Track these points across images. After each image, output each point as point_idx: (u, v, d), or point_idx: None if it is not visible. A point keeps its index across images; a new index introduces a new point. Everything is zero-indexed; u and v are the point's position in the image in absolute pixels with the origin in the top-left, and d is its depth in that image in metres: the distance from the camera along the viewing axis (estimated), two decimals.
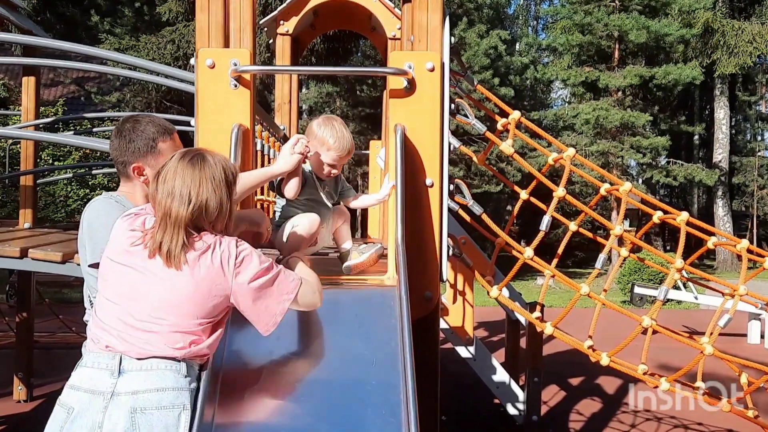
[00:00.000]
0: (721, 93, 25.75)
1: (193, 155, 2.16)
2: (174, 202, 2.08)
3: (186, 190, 2.09)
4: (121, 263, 2.14)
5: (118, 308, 2.11)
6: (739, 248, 4.01)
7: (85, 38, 20.22)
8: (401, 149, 2.94)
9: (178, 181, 2.10)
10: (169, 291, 2.09)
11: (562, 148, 4.11)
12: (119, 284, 2.13)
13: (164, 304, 2.09)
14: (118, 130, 2.56)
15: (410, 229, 2.96)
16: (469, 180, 20.81)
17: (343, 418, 2.21)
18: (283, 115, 6.22)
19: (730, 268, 23.14)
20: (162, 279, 2.10)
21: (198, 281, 2.10)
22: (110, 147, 2.61)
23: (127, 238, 2.16)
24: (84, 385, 2.05)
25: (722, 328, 3.82)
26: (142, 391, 2.01)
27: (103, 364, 2.05)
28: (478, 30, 21.94)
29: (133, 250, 2.13)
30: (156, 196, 2.12)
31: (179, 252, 2.08)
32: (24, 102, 6.08)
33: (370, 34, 6.95)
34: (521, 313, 4.57)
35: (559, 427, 6.12)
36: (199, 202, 2.10)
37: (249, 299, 2.16)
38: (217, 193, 2.13)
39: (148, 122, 2.60)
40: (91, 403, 2.01)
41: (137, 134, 2.55)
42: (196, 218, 2.11)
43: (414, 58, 3.10)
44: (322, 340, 2.50)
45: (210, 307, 2.13)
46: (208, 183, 2.11)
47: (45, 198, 15.23)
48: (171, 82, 5.26)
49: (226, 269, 2.12)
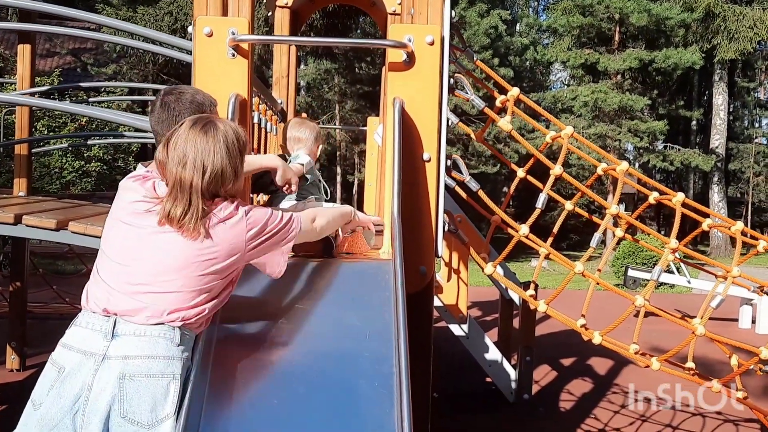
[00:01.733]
0: (720, 78, 25.69)
1: (205, 122, 2.14)
2: (186, 171, 2.06)
3: (200, 159, 2.07)
4: (129, 224, 2.13)
5: (121, 268, 2.10)
6: (733, 230, 4.01)
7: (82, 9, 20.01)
8: (399, 123, 2.92)
9: (190, 148, 2.07)
10: (179, 257, 2.08)
11: (561, 127, 4.10)
12: (123, 246, 2.12)
13: (168, 268, 2.07)
14: (162, 101, 2.43)
15: (406, 203, 2.95)
16: (466, 160, 20.74)
17: (336, 389, 2.21)
18: (281, 89, 6.16)
19: (724, 254, 23.24)
20: (172, 244, 2.08)
21: (212, 247, 2.10)
22: (151, 119, 2.48)
23: (134, 201, 2.15)
24: (77, 345, 2.04)
25: (714, 309, 3.83)
26: (132, 357, 2.00)
27: (97, 326, 2.04)
28: (478, 9, 21.81)
29: (141, 212, 2.12)
30: (166, 164, 2.09)
31: (197, 221, 2.07)
32: (19, 70, 6.02)
33: (369, 9, 6.87)
34: (515, 290, 4.58)
35: (550, 406, 6.16)
36: (215, 170, 2.09)
37: (259, 252, 2.22)
38: (232, 160, 2.13)
39: (195, 92, 2.49)
40: (82, 364, 2.00)
41: (184, 105, 2.42)
42: (212, 187, 2.10)
43: (414, 31, 3.07)
44: (316, 311, 2.49)
45: (218, 271, 2.13)
46: (222, 150, 2.10)
47: (40, 169, 15.16)
48: (169, 51, 5.22)
49: (241, 232, 2.14)
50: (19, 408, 2.08)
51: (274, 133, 5.39)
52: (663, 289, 13.79)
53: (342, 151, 22.76)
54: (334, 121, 22.14)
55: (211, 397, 2.14)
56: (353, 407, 2.17)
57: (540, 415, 5.89)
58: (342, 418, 2.15)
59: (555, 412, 6.06)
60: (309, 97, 23.20)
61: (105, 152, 15.73)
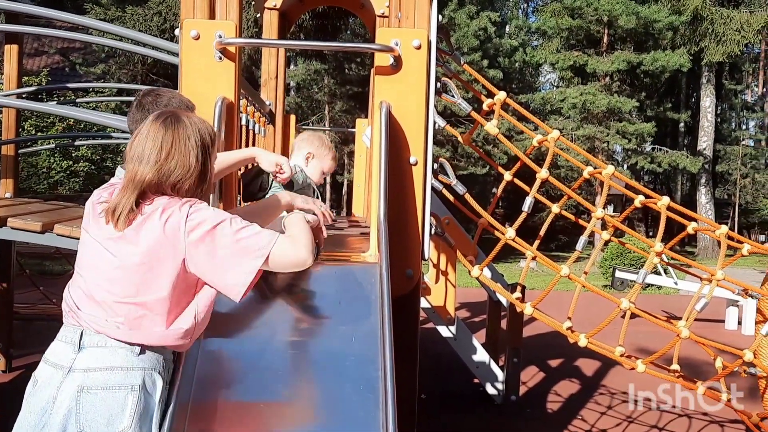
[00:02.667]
0: (707, 81, 25.86)
1: (168, 116, 2.05)
2: (140, 165, 1.97)
3: (155, 152, 1.97)
4: (88, 232, 2.08)
5: (82, 280, 2.04)
6: (718, 234, 4.04)
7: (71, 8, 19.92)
8: (386, 126, 2.93)
9: (149, 143, 1.99)
10: (116, 261, 1.98)
11: (547, 131, 4.12)
12: (83, 255, 2.07)
13: (110, 275, 1.98)
14: (139, 102, 2.44)
15: (393, 206, 2.96)
16: (455, 161, 20.81)
17: (321, 393, 2.23)
18: (270, 90, 6.17)
19: (711, 255, 23.39)
20: (111, 247, 1.99)
21: (144, 249, 1.96)
22: (129, 120, 2.48)
23: (94, 209, 2.09)
24: (51, 359, 2.01)
25: (699, 312, 3.86)
26: (93, 369, 1.95)
27: (68, 338, 2.00)
28: (468, 11, 21.83)
29: (97, 219, 2.06)
30: (125, 159, 2.03)
31: (125, 215, 1.95)
32: (6, 70, 5.99)
33: (358, 11, 6.88)
34: (502, 293, 4.60)
35: (537, 408, 6.18)
36: (167, 165, 1.98)
37: (207, 260, 1.97)
38: (191, 156, 2.00)
39: (171, 96, 2.47)
40: (52, 377, 1.97)
41: (160, 108, 2.39)
42: (158, 182, 1.98)
43: (401, 35, 3.08)
44: (301, 314, 2.50)
45: (163, 281, 1.98)
46: (180, 145, 2.00)
47: (27, 169, 15.07)
48: (157, 53, 5.21)
49: (178, 231, 1.97)
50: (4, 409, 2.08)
51: (262, 135, 5.40)
52: (650, 290, 13.87)
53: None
54: (323, 122, 22.12)
55: (195, 398, 2.14)
56: (339, 410, 2.18)
57: (527, 416, 5.92)
58: (328, 422, 2.16)
59: (542, 413, 6.08)
60: (298, 98, 23.17)
61: (93, 152, 15.63)
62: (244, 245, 1.99)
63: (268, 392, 2.23)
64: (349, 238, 4.04)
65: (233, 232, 1.99)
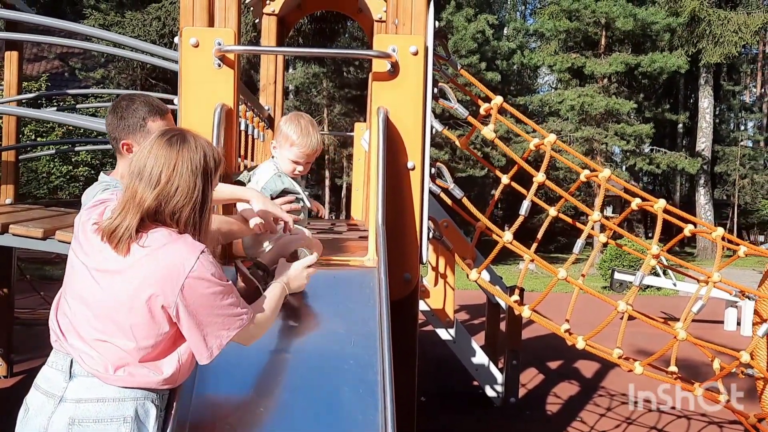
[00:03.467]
0: (705, 82, 25.88)
1: (173, 134, 1.94)
2: (141, 184, 1.87)
3: (157, 171, 1.87)
4: (77, 256, 1.99)
5: (68, 309, 1.97)
6: (714, 236, 4.07)
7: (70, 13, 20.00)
8: (383, 132, 2.96)
9: (150, 160, 1.89)
10: (103, 295, 1.90)
11: (544, 134, 4.15)
12: (72, 282, 1.99)
13: (96, 310, 1.91)
14: (114, 107, 2.51)
15: (391, 211, 2.99)
16: (453, 164, 20.83)
17: (320, 396, 2.25)
18: (268, 95, 6.21)
19: (710, 256, 23.39)
20: (101, 280, 1.91)
21: (136, 288, 1.87)
22: (105, 123, 2.55)
23: (84, 230, 2.01)
24: (42, 385, 1.96)
25: (696, 314, 3.89)
26: (84, 400, 1.90)
27: (58, 365, 1.95)
28: (465, 14, 21.87)
29: (88, 242, 1.97)
30: (125, 176, 1.95)
31: (126, 238, 1.86)
32: (6, 77, 6.02)
33: (356, 15, 6.93)
34: (500, 296, 4.63)
35: (537, 410, 6.21)
36: (167, 189, 1.87)
37: (191, 322, 1.90)
38: (191, 180, 1.89)
39: (143, 101, 2.52)
40: (43, 406, 1.92)
41: (130, 112, 2.47)
42: (159, 205, 1.88)
43: (398, 42, 3.12)
44: (300, 318, 2.53)
45: (146, 325, 1.90)
46: (182, 166, 1.89)
47: (27, 174, 15.09)
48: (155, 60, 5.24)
49: (174, 278, 1.86)
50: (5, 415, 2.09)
51: (261, 140, 5.43)
52: (650, 291, 13.89)
53: (330, 154, 22.77)
54: (322, 126, 22.15)
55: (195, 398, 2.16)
56: (338, 414, 2.20)
57: (527, 418, 5.94)
58: (327, 425, 2.18)
59: (541, 415, 6.11)
60: (297, 101, 23.21)
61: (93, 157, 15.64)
62: (222, 321, 1.94)
63: (268, 396, 2.26)
64: (348, 242, 4.06)
65: (221, 307, 1.93)
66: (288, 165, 2.90)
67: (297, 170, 2.91)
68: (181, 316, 1.89)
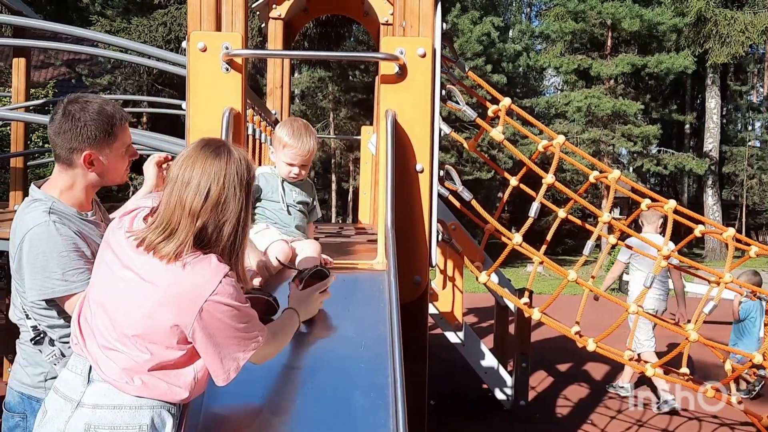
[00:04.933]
0: (712, 82, 25.81)
1: (219, 145, 1.89)
2: (189, 196, 1.81)
3: (205, 184, 1.81)
4: (105, 263, 1.95)
5: (90, 314, 1.95)
6: (725, 236, 4.05)
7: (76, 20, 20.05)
8: (392, 135, 2.95)
9: (196, 172, 1.82)
10: (128, 304, 1.87)
11: (552, 136, 4.14)
12: (97, 288, 1.96)
13: (119, 321, 1.88)
14: (65, 110, 2.24)
15: (400, 214, 2.98)
16: (461, 166, 20.82)
17: (331, 400, 2.23)
18: (275, 99, 6.21)
19: (719, 257, 23.29)
20: (127, 288, 1.87)
21: (157, 299, 1.83)
22: (51, 129, 2.26)
23: (116, 239, 1.95)
24: (61, 389, 1.94)
25: (707, 315, 3.87)
26: (101, 406, 1.88)
27: (78, 369, 1.93)
28: (471, 16, 21.90)
29: (116, 251, 1.92)
30: (168, 184, 1.86)
31: (175, 254, 1.81)
32: (14, 83, 6.04)
33: (362, 19, 6.93)
34: (509, 298, 4.62)
35: (547, 413, 6.17)
36: (219, 202, 1.83)
37: (208, 345, 1.87)
38: (239, 195, 1.85)
39: (103, 103, 2.29)
40: (62, 409, 1.90)
41: (90, 116, 2.23)
42: (211, 217, 1.83)
43: (405, 44, 3.10)
44: (310, 322, 2.51)
45: (163, 339, 1.86)
46: (230, 180, 1.84)
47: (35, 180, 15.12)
48: (162, 65, 5.25)
49: (194, 300, 1.82)
50: None
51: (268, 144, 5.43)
52: None
53: (337, 158, 22.80)
54: (328, 130, 22.18)
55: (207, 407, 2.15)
56: (349, 418, 2.19)
57: (536, 421, 5.91)
58: (338, 429, 2.17)
59: (551, 418, 6.08)
60: (303, 106, 23.24)
61: None
62: (239, 343, 1.90)
63: (278, 400, 2.25)
64: (356, 245, 4.06)
65: (243, 327, 1.90)
66: (283, 167, 2.87)
67: (293, 173, 2.86)
68: (198, 338, 1.85)
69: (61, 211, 2.29)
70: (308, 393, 2.26)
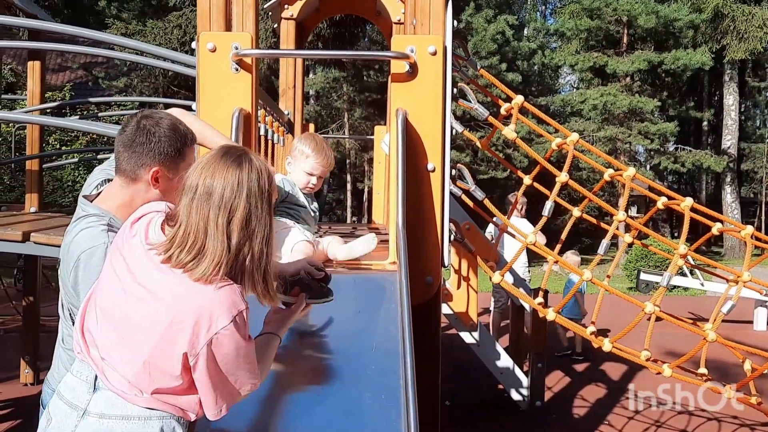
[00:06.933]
0: (730, 79, 25.55)
1: (240, 153, 1.79)
2: (212, 207, 1.72)
3: (230, 194, 1.72)
4: (116, 274, 1.85)
5: (95, 324, 1.86)
6: (743, 234, 3.99)
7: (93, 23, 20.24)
8: (402, 133, 2.93)
9: (218, 180, 1.73)
10: (136, 321, 1.77)
11: (567, 134, 4.09)
12: (103, 295, 1.86)
13: (126, 337, 1.79)
14: (139, 126, 2.16)
15: (411, 214, 2.95)
16: (475, 166, 20.74)
17: (342, 402, 2.21)
18: (288, 99, 6.20)
19: (738, 255, 23.03)
20: (139, 305, 1.78)
21: (168, 321, 1.73)
22: (120, 141, 2.19)
23: (130, 250, 1.85)
24: (66, 395, 1.87)
25: (726, 314, 3.81)
26: (108, 416, 1.80)
27: (83, 375, 1.86)
28: (485, 15, 21.79)
29: (129, 262, 1.83)
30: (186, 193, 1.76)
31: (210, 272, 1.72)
32: (29, 86, 6.08)
33: (375, 18, 6.91)
34: (523, 298, 4.57)
35: (563, 413, 6.12)
36: (245, 214, 1.73)
37: (206, 377, 1.77)
38: (263, 208, 1.76)
39: (176, 121, 2.22)
40: (67, 417, 1.83)
41: (164, 131, 2.15)
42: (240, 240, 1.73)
43: (416, 42, 3.08)
44: (321, 323, 2.50)
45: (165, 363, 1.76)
46: (254, 192, 1.75)
47: (53, 183, 15.27)
48: (177, 67, 5.26)
49: (205, 328, 1.72)
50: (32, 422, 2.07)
51: (281, 145, 5.42)
52: (677, 291, 13.70)
53: (351, 159, 22.79)
54: (343, 130, 22.19)
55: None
56: (360, 420, 2.17)
57: (553, 422, 5.86)
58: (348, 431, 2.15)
59: (568, 418, 6.03)
60: (318, 106, 23.27)
61: None
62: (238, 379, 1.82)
63: (289, 401, 2.23)
64: None
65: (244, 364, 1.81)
66: (302, 177, 3.02)
67: (311, 183, 3.03)
68: (199, 368, 1.75)
69: (118, 228, 2.15)
70: (319, 394, 2.24)
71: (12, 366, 6.58)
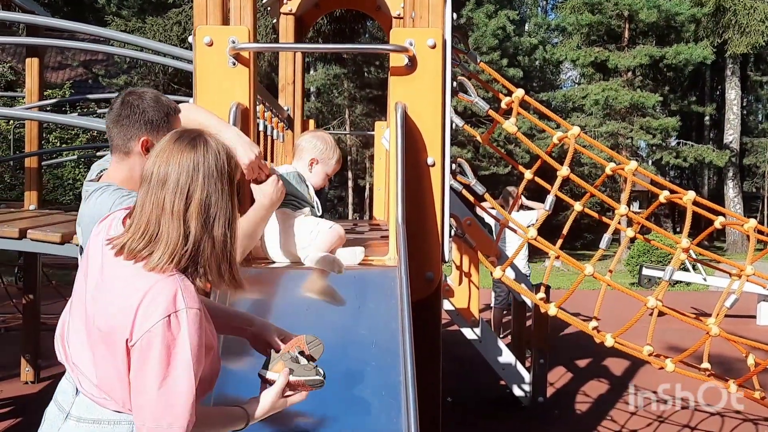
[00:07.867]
0: (732, 73, 25.47)
1: (194, 136, 1.69)
2: (167, 193, 1.63)
3: (185, 178, 1.63)
4: (83, 274, 1.79)
5: (68, 327, 1.81)
6: (746, 228, 3.96)
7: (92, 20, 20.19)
8: (402, 128, 2.90)
9: (172, 166, 1.63)
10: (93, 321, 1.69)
11: (568, 128, 4.06)
12: (75, 298, 1.80)
13: (90, 336, 1.71)
14: (123, 101, 2.24)
15: (411, 209, 2.92)
16: (477, 162, 20.70)
17: (342, 399, 2.19)
18: (287, 95, 6.16)
19: (741, 250, 22.97)
20: (95, 304, 1.69)
21: (116, 314, 1.63)
22: (109, 119, 2.25)
23: (95, 246, 1.77)
24: (58, 397, 1.83)
25: (729, 308, 3.78)
26: (84, 420, 1.75)
27: (71, 378, 1.81)
28: (486, 10, 21.74)
29: (92, 261, 1.75)
30: (143, 183, 1.68)
31: (165, 261, 1.61)
32: (28, 83, 6.05)
33: (375, 13, 6.88)
34: (525, 294, 4.55)
35: (565, 409, 6.10)
36: (201, 197, 1.63)
37: (137, 376, 1.62)
38: (222, 190, 1.66)
39: (157, 93, 2.30)
40: (55, 419, 1.80)
41: (147, 103, 2.24)
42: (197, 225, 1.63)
43: (415, 35, 3.05)
44: (321, 319, 2.47)
45: (109, 363, 1.66)
46: (210, 173, 1.65)
47: (53, 181, 15.26)
48: (178, 63, 5.23)
49: (139, 320, 1.59)
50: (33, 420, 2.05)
51: (280, 141, 5.39)
52: (679, 286, 13.67)
53: (353, 155, 22.76)
54: (344, 126, 22.15)
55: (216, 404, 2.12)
56: (360, 417, 2.15)
57: (555, 418, 5.84)
58: (349, 429, 2.13)
59: (570, 414, 6.00)
60: (319, 103, 23.22)
61: None
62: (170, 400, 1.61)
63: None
64: (370, 241, 4.01)
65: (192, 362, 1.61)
66: (322, 178, 3.08)
67: (326, 182, 3.12)
68: (134, 358, 1.61)
69: None
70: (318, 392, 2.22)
71: (12, 364, 6.57)
